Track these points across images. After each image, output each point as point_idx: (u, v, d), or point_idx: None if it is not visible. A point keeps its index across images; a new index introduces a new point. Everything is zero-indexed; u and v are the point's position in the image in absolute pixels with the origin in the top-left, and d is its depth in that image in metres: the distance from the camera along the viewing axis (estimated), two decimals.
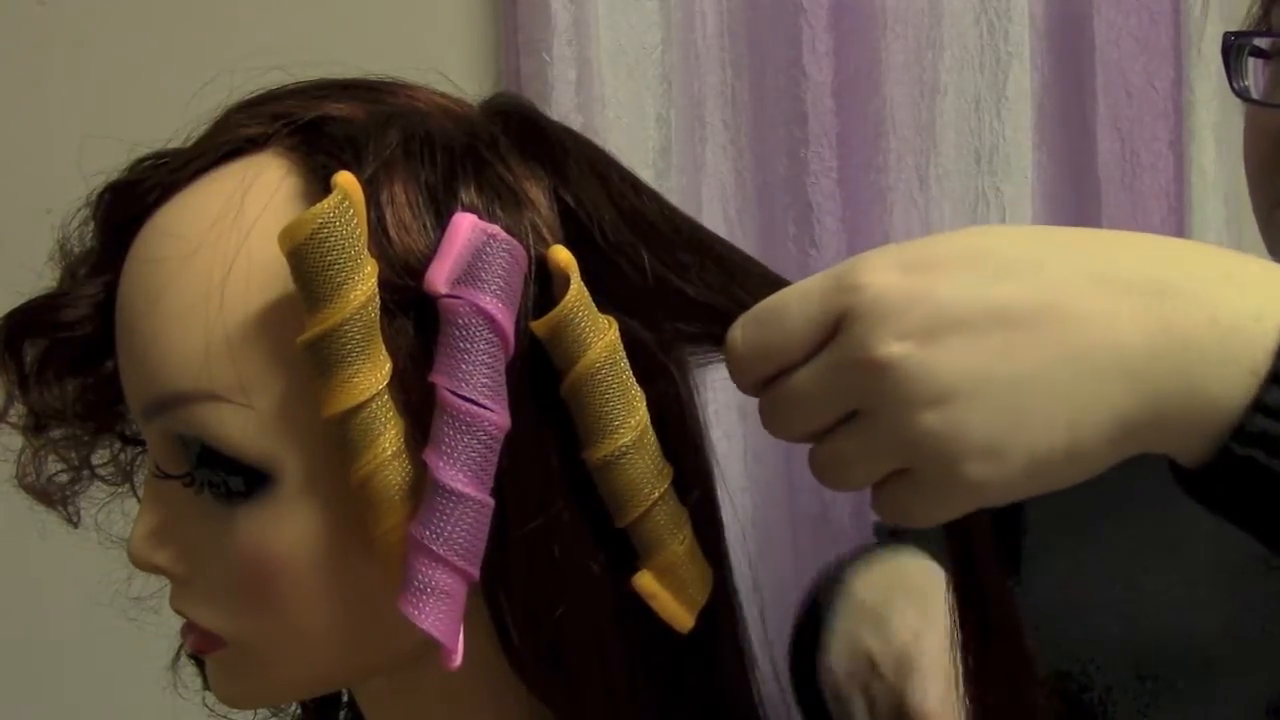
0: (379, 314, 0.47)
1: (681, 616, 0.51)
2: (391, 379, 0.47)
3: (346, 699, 0.66)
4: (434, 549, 0.46)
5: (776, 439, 0.49)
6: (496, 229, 0.48)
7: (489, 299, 0.46)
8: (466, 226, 0.47)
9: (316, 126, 0.51)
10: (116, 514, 0.63)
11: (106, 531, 0.64)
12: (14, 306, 0.56)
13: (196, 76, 0.61)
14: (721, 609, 0.54)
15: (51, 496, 0.61)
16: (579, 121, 1.13)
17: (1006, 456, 0.43)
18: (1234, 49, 0.71)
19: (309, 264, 0.46)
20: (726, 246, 0.52)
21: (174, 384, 0.49)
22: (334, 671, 0.54)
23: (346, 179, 0.47)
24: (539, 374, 0.49)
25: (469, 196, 0.49)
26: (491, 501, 0.47)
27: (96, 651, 1.09)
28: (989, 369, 0.43)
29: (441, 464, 0.46)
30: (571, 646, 0.50)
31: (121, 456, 0.61)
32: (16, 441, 0.60)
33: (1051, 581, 0.76)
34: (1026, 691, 0.52)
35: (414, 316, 0.48)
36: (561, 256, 0.48)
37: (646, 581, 0.50)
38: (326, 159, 0.49)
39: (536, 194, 0.50)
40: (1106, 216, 1.33)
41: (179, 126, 0.55)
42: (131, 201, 0.53)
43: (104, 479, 0.62)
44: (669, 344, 0.52)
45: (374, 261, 0.47)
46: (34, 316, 0.56)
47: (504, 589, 0.49)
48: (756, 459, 1.23)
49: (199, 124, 0.55)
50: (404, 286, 0.47)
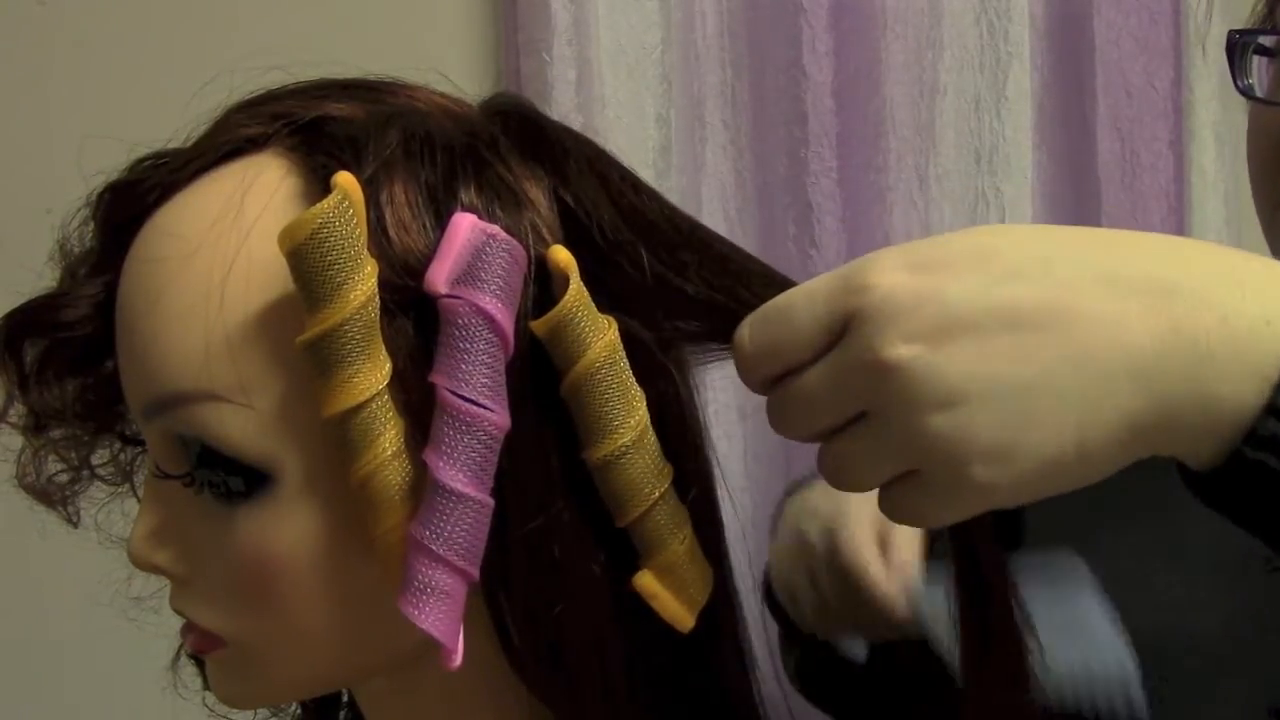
0: (379, 314, 0.47)
1: (682, 616, 0.51)
2: (391, 379, 0.47)
3: (346, 699, 0.66)
4: (434, 549, 0.46)
5: (777, 438, 0.48)
6: (496, 229, 0.48)
7: (489, 299, 0.46)
8: (466, 226, 0.47)
9: (316, 126, 0.51)
10: (116, 514, 0.63)
11: (106, 531, 0.64)
12: (14, 306, 0.56)
13: (196, 76, 0.61)
14: (722, 609, 0.54)
15: (51, 496, 0.61)
16: (579, 121, 1.13)
17: (1015, 459, 0.43)
18: (1238, 47, 0.71)
19: (309, 264, 0.46)
20: (727, 245, 0.52)
21: (174, 384, 0.49)
22: (334, 671, 0.54)
23: (346, 179, 0.47)
24: (539, 374, 0.49)
25: (469, 196, 0.49)
26: (491, 501, 0.47)
27: (96, 651, 1.09)
28: (997, 371, 0.42)
29: (441, 464, 0.46)
30: (571, 646, 0.50)
31: (121, 456, 0.61)
32: (16, 441, 0.60)
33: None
34: (1027, 690, 0.52)
35: (414, 316, 0.48)
36: (561, 256, 0.48)
37: (647, 581, 0.50)
38: (326, 159, 0.49)
39: (536, 194, 0.50)
40: (1106, 216, 1.33)
41: (179, 126, 0.55)
42: (131, 201, 0.53)
43: (104, 479, 0.62)
44: (669, 343, 0.52)
45: (374, 261, 0.47)
46: (34, 316, 0.56)
47: (504, 589, 0.49)
48: (756, 459, 1.23)
49: (199, 124, 0.54)
50: (404, 286, 0.47)
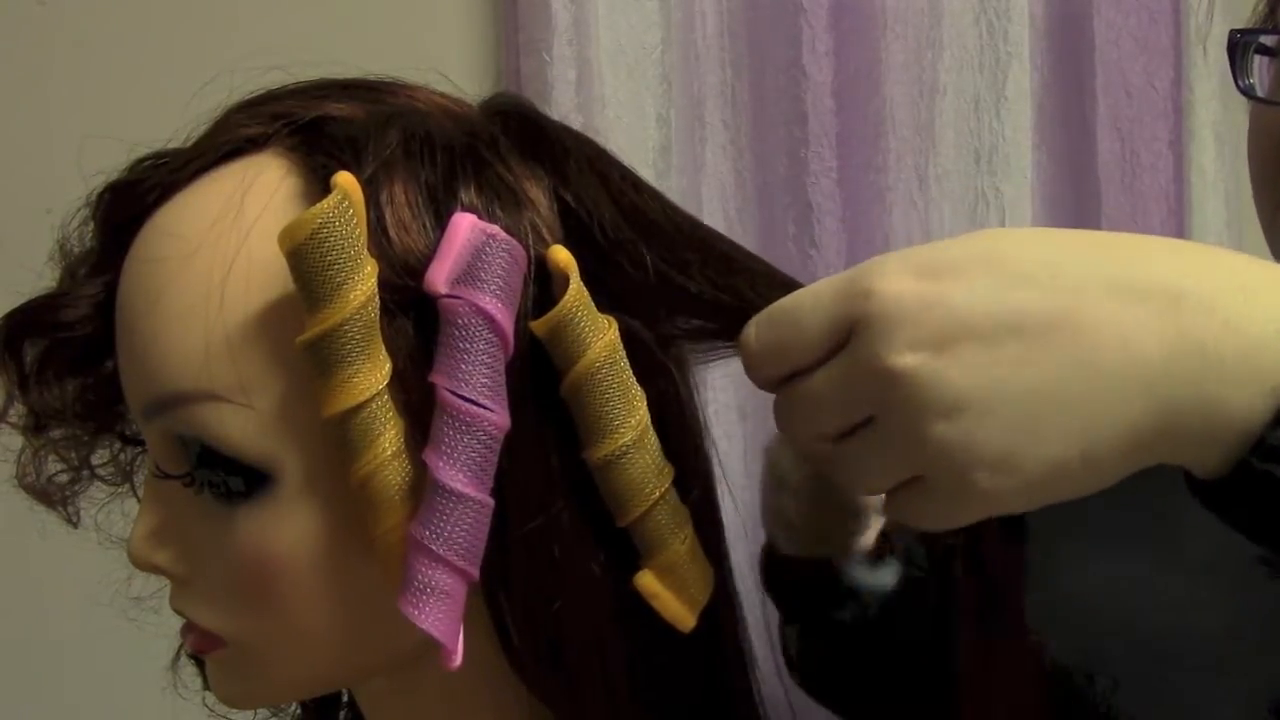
0: (379, 314, 0.47)
1: (683, 616, 0.51)
2: (391, 379, 0.47)
3: (346, 699, 0.66)
4: (434, 549, 0.46)
5: None
6: (496, 229, 0.48)
7: (489, 299, 0.46)
8: (466, 226, 0.47)
9: (316, 126, 0.51)
10: (116, 514, 0.63)
11: (106, 531, 0.64)
12: (14, 306, 0.56)
13: (196, 76, 0.61)
14: (722, 609, 0.54)
15: (51, 496, 0.61)
16: (579, 121, 1.13)
17: (1020, 467, 0.43)
18: (1239, 47, 0.71)
19: (309, 264, 0.45)
20: (729, 244, 0.52)
21: (174, 384, 0.49)
22: (334, 671, 0.54)
23: (346, 179, 0.47)
24: (539, 374, 0.49)
25: (469, 196, 0.49)
26: (491, 501, 0.47)
27: (96, 651, 1.09)
28: (1002, 380, 0.42)
29: (441, 464, 0.46)
30: (572, 646, 0.50)
31: (121, 456, 0.61)
32: (16, 441, 0.60)
33: (1054, 577, 0.76)
34: (1029, 689, 0.52)
35: (414, 316, 0.48)
36: (561, 256, 0.48)
37: (648, 581, 0.50)
38: (326, 159, 0.49)
39: (536, 194, 0.50)
40: (1106, 217, 1.33)
41: (179, 126, 0.55)
42: (131, 201, 0.53)
43: (104, 479, 0.62)
44: (669, 343, 0.52)
45: (374, 261, 0.47)
46: (34, 316, 0.56)
47: (504, 589, 0.49)
48: (756, 459, 1.23)
49: (199, 124, 0.54)
50: (404, 286, 0.47)
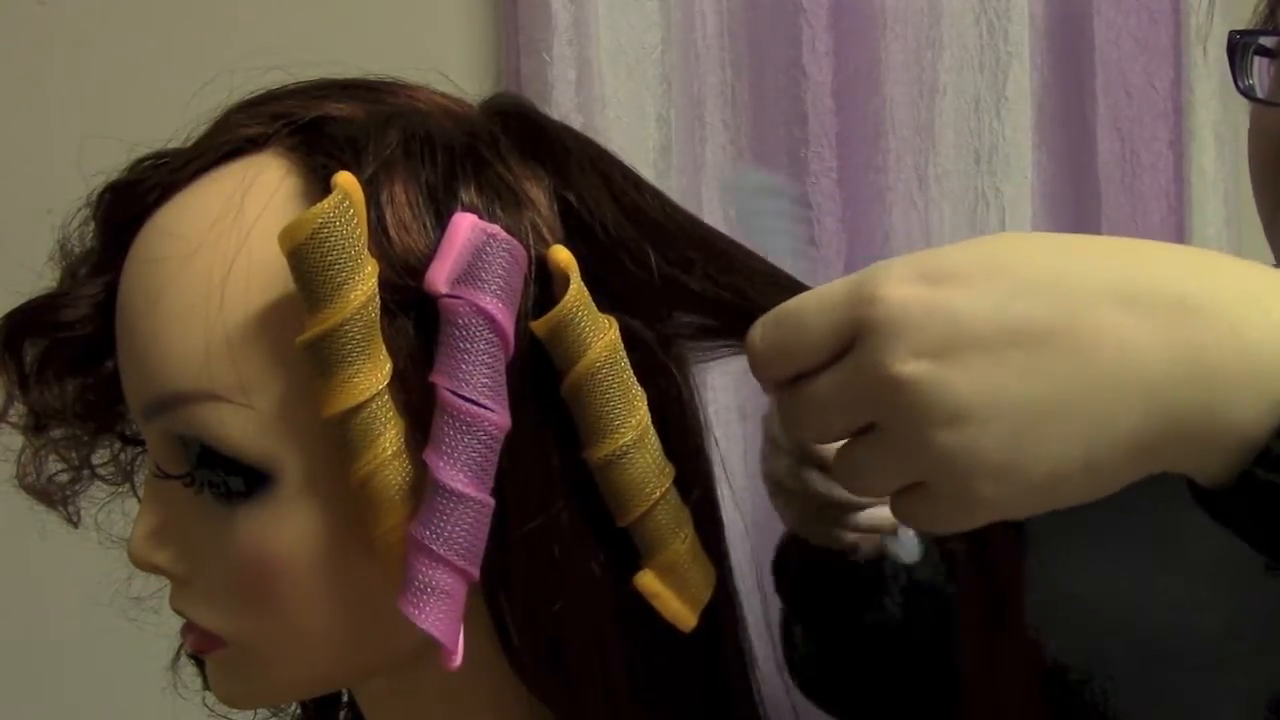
0: (379, 314, 0.47)
1: (684, 615, 0.51)
2: (391, 379, 0.47)
3: (346, 699, 0.66)
4: (434, 549, 0.46)
5: None
6: (496, 229, 0.48)
7: (489, 299, 0.46)
8: (466, 226, 0.47)
9: (316, 126, 0.51)
10: (116, 514, 0.63)
11: (106, 531, 0.64)
12: (14, 306, 0.56)
13: (196, 76, 0.61)
14: (722, 609, 0.54)
15: (51, 496, 0.61)
16: (579, 121, 1.14)
17: (1022, 475, 0.43)
18: (1239, 48, 0.71)
19: (309, 264, 0.45)
20: (729, 242, 0.52)
21: (174, 384, 0.49)
22: (334, 671, 0.54)
23: (346, 179, 0.47)
24: (539, 374, 0.49)
25: (469, 196, 0.49)
26: (492, 501, 0.47)
27: (96, 651, 1.09)
28: (1005, 389, 0.42)
29: (442, 464, 0.46)
30: (572, 646, 0.50)
31: (121, 456, 0.61)
32: (16, 441, 0.60)
33: (1054, 576, 0.76)
34: (1034, 692, 0.52)
35: (414, 316, 0.48)
36: (561, 256, 0.48)
37: (649, 581, 0.50)
38: (326, 159, 0.49)
39: (536, 194, 0.50)
40: (1106, 216, 1.33)
41: (179, 126, 0.55)
42: (131, 201, 0.53)
43: (104, 479, 0.62)
44: (670, 343, 0.52)
45: (374, 261, 0.47)
46: (34, 316, 0.56)
47: (504, 589, 0.49)
48: (756, 459, 1.23)
49: (199, 124, 0.54)
50: (404, 286, 0.47)
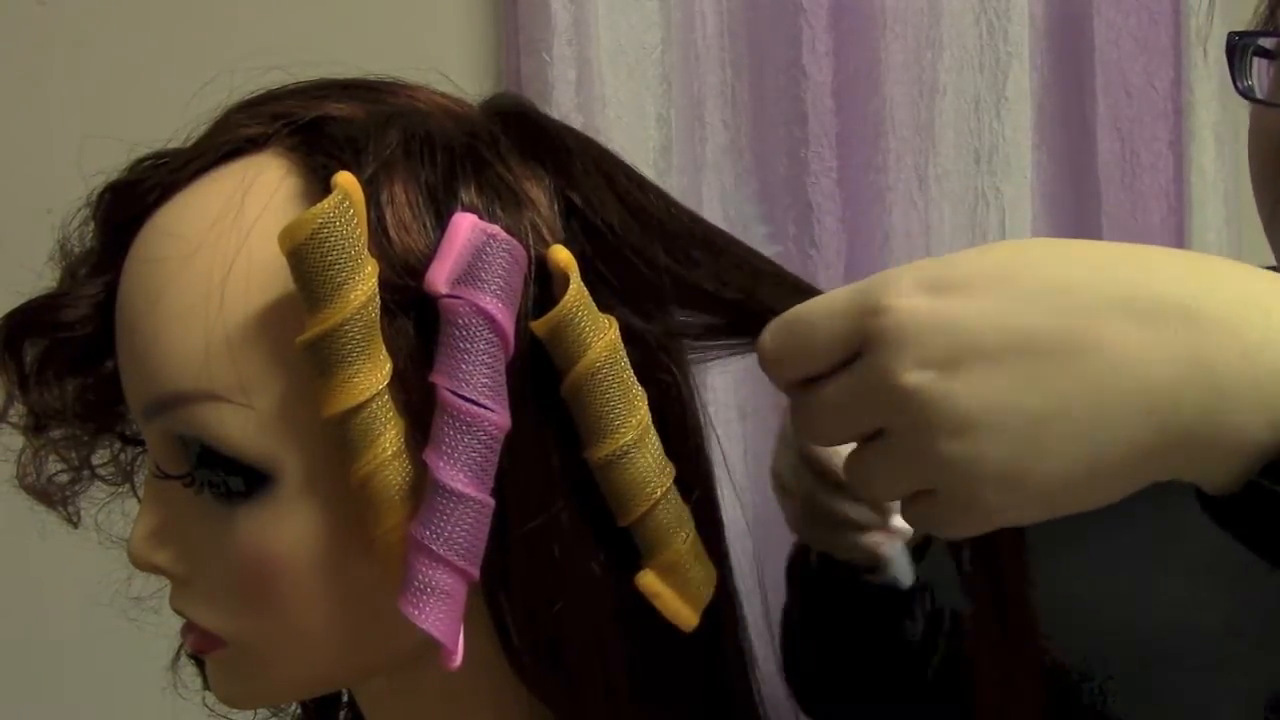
0: (379, 314, 0.47)
1: (686, 615, 0.51)
2: (391, 379, 0.47)
3: (346, 699, 0.66)
4: (434, 549, 0.46)
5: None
6: (496, 229, 0.48)
7: (489, 299, 0.46)
8: (466, 226, 0.47)
9: (316, 126, 0.51)
10: (116, 514, 0.63)
11: (106, 531, 0.64)
12: (14, 306, 0.56)
13: (196, 76, 0.61)
14: (723, 609, 0.54)
15: (51, 496, 0.61)
16: (579, 121, 1.14)
17: (1027, 484, 0.43)
18: (1238, 49, 0.71)
19: (309, 264, 0.45)
20: (732, 240, 0.52)
21: (174, 384, 0.49)
22: (334, 671, 0.54)
23: (346, 179, 0.47)
24: (539, 374, 0.49)
25: (469, 196, 0.49)
26: (492, 501, 0.47)
27: (96, 651, 1.09)
28: (1010, 400, 0.42)
29: (442, 464, 0.46)
30: (572, 646, 0.50)
31: (121, 456, 0.61)
32: (16, 441, 0.60)
33: (1052, 576, 0.76)
34: (1032, 689, 0.53)
35: (414, 316, 0.48)
36: (561, 256, 0.48)
37: (650, 580, 0.50)
38: (326, 159, 0.49)
39: (536, 194, 0.50)
40: (1106, 216, 1.33)
41: (179, 126, 0.55)
42: (131, 201, 0.53)
43: (104, 479, 0.62)
44: (670, 342, 0.52)
45: (374, 261, 0.47)
46: (34, 316, 0.56)
47: (504, 589, 0.49)
48: (756, 459, 1.23)
49: (199, 124, 0.54)
50: (404, 286, 0.47)
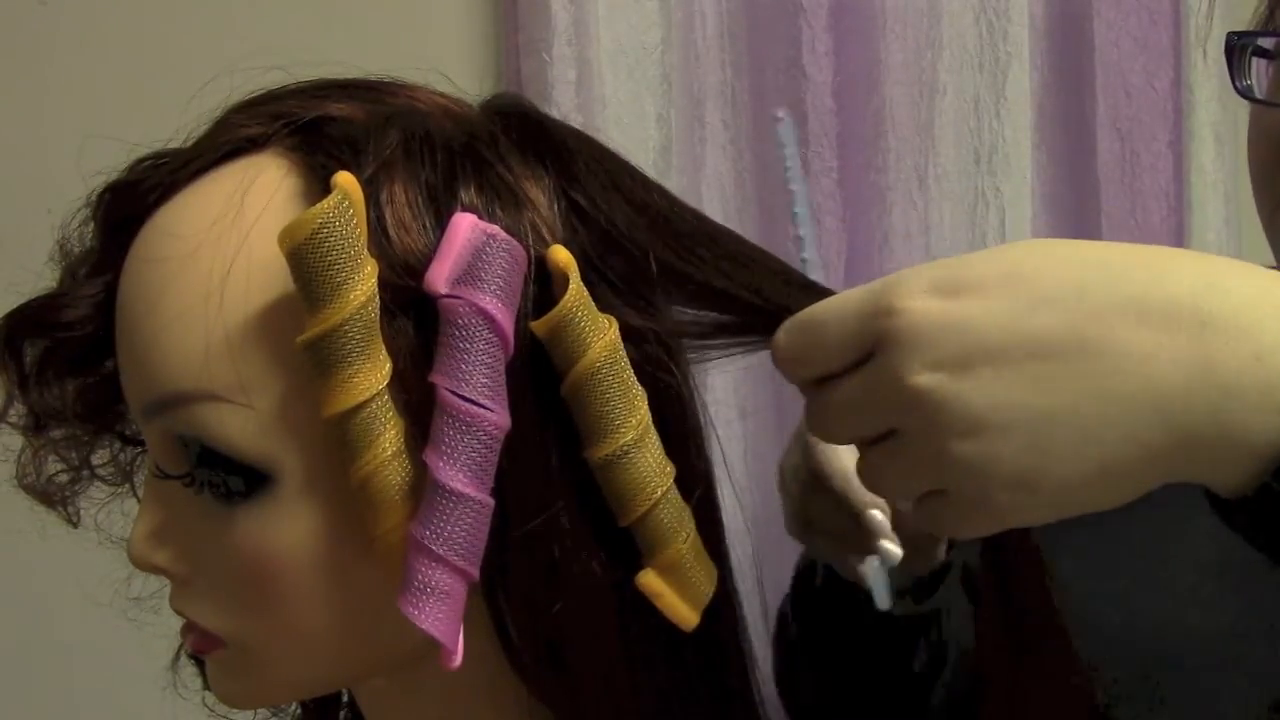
0: (379, 314, 0.47)
1: (686, 615, 0.51)
2: (391, 379, 0.47)
3: (346, 699, 0.66)
4: (434, 549, 0.46)
5: (777, 438, 0.49)
6: (496, 229, 0.48)
7: (489, 299, 0.46)
8: (466, 226, 0.47)
9: (316, 126, 0.51)
10: (116, 514, 0.63)
11: (106, 531, 0.64)
12: (14, 306, 0.56)
13: (196, 76, 0.61)
14: (723, 609, 0.54)
15: (51, 496, 0.61)
16: (579, 121, 1.14)
17: (1038, 485, 0.43)
18: (1237, 49, 0.71)
19: (309, 264, 0.45)
20: (736, 238, 0.53)
21: (174, 384, 0.49)
22: (334, 671, 0.54)
23: (346, 179, 0.47)
24: (539, 374, 0.49)
25: (469, 196, 0.49)
26: (491, 501, 0.47)
27: (96, 651, 1.09)
28: (1021, 402, 0.43)
29: (441, 464, 0.46)
30: (572, 646, 0.50)
31: (121, 456, 0.61)
32: (16, 441, 0.60)
33: (1058, 575, 0.76)
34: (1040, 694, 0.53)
35: (414, 316, 0.48)
36: (561, 256, 0.48)
37: (651, 580, 0.50)
38: (326, 159, 0.49)
39: (536, 194, 0.50)
40: (1106, 216, 1.33)
41: (179, 126, 0.55)
42: (131, 201, 0.53)
43: (104, 479, 0.62)
44: (670, 342, 0.52)
45: (374, 261, 0.47)
46: (34, 316, 0.56)
47: (504, 589, 0.49)
48: (757, 459, 1.23)
49: (199, 124, 0.54)
50: (404, 286, 0.47)
